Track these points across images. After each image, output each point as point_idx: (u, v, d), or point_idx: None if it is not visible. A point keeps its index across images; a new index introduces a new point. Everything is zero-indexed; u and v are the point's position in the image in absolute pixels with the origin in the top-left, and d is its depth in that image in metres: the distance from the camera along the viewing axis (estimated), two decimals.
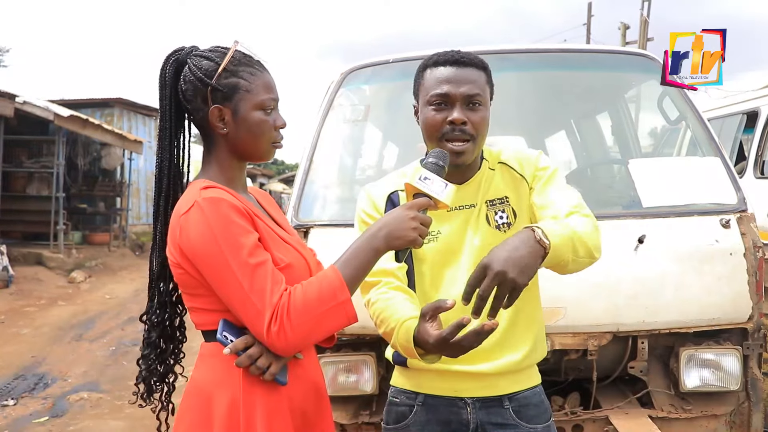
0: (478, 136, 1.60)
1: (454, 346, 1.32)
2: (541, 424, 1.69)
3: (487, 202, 1.67)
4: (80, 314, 8.60)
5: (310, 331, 1.32)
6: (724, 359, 2.43)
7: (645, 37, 18.90)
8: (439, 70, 1.62)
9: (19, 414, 4.78)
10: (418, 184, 1.41)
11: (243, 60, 1.46)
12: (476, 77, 1.61)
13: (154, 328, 1.54)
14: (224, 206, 1.34)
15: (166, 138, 1.49)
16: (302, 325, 1.30)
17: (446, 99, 1.59)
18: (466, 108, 1.58)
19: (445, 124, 1.58)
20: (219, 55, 1.45)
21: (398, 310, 1.51)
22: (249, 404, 1.36)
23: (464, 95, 1.58)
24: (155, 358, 1.55)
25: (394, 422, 1.73)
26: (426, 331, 1.36)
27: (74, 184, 14.25)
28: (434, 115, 1.60)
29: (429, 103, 1.61)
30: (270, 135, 1.48)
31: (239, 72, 1.44)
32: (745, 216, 2.47)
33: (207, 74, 1.42)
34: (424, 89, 1.64)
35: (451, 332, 1.30)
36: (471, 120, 1.58)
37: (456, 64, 1.61)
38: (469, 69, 1.61)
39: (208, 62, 1.43)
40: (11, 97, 10.90)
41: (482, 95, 1.60)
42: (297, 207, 2.63)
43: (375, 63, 3.07)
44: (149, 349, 1.55)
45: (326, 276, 1.35)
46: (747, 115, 6.25)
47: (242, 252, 1.31)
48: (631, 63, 3.26)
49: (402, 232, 1.37)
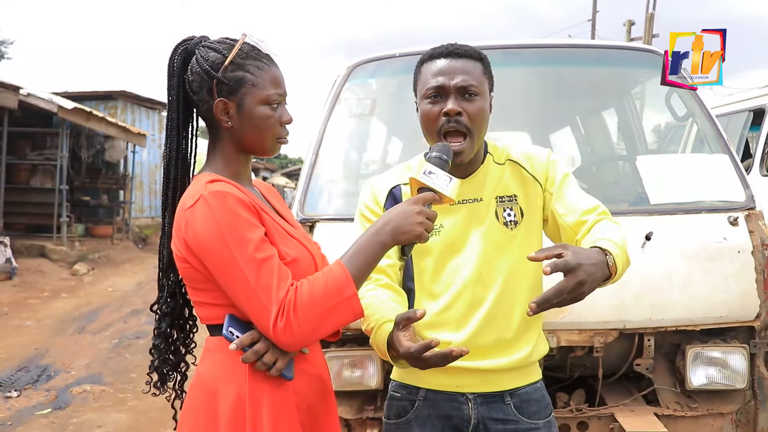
0: (475, 129, 1.59)
1: (421, 361, 1.37)
2: (542, 419, 1.69)
3: (497, 198, 1.66)
4: (83, 307, 8.62)
5: (317, 327, 1.31)
6: (730, 357, 2.41)
7: (650, 34, 18.81)
8: (435, 63, 1.62)
9: (22, 406, 4.79)
10: (423, 179, 1.41)
11: (251, 53, 1.44)
12: (471, 68, 1.60)
13: (164, 318, 1.54)
14: (231, 200, 1.33)
15: (174, 129, 1.48)
16: (309, 320, 1.29)
17: (441, 91, 1.59)
18: (462, 99, 1.58)
19: (440, 116, 1.58)
20: (227, 47, 1.43)
21: (379, 309, 1.52)
22: (255, 399, 1.36)
23: (458, 86, 1.58)
24: (166, 348, 1.55)
25: (395, 417, 1.73)
26: (398, 340, 1.40)
27: (77, 176, 14.27)
28: (430, 108, 1.60)
29: (425, 97, 1.62)
30: (275, 130, 1.46)
31: (246, 65, 1.42)
32: (753, 213, 2.45)
33: (213, 66, 1.41)
34: (421, 83, 1.65)
35: (417, 350, 1.35)
36: (467, 111, 1.57)
37: (450, 56, 1.62)
38: (463, 60, 1.61)
39: (216, 54, 1.42)
40: (15, 89, 10.92)
41: (477, 86, 1.59)
42: (303, 201, 2.62)
43: (381, 57, 3.06)
44: (160, 339, 1.54)
45: (332, 271, 1.34)
46: (753, 112, 6.22)
47: (249, 247, 1.30)
48: (638, 59, 3.24)
49: (408, 227, 1.36)
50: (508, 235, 1.64)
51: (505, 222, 1.64)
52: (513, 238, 1.64)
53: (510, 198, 1.66)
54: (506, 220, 1.65)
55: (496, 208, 1.65)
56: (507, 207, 1.65)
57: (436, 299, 1.65)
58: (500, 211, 1.65)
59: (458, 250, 1.64)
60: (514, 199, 1.66)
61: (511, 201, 1.66)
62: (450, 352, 1.33)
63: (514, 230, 1.64)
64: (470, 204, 1.66)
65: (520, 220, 1.65)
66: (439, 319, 1.64)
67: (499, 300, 1.62)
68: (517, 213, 1.66)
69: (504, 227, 1.64)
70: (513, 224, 1.65)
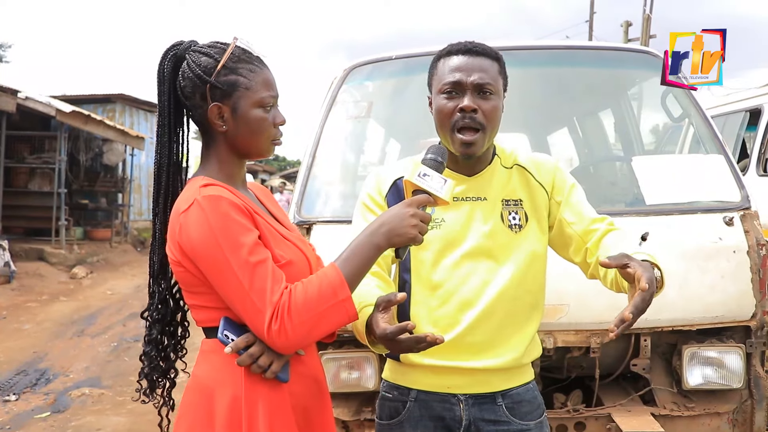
0: (489, 126, 1.60)
1: (395, 343, 1.36)
2: (533, 420, 1.69)
3: (503, 200, 1.68)
4: (82, 310, 8.62)
5: (311, 330, 1.32)
6: (727, 357, 2.42)
7: (647, 35, 18.85)
8: (452, 60, 1.64)
9: (20, 409, 4.79)
10: (417, 181, 1.42)
11: (242, 56, 1.44)
12: (488, 66, 1.62)
13: (155, 325, 1.53)
14: (224, 204, 1.33)
15: (165, 134, 1.47)
16: (303, 323, 1.30)
17: (457, 87, 1.60)
18: (477, 96, 1.60)
19: (456, 112, 1.59)
20: (218, 51, 1.43)
21: (362, 294, 1.51)
22: (251, 401, 1.36)
23: (475, 83, 1.59)
24: (156, 355, 1.54)
25: (387, 418, 1.74)
26: (376, 322, 1.40)
27: (76, 179, 14.28)
28: (446, 104, 1.61)
29: (441, 92, 1.63)
30: (269, 132, 1.46)
31: (238, 69, 1.42)
32: (748, 213, 2.46)
33: (206, 71, 1.40)
34: (437, 79, 1.66)
35: (392, 332, 1.35)
36: (482, 108, 1.59)
37: (468, 53, 1.63)
38: (481, 58, 1.63)
39: (207, 59, 1.41)
40: (13, 92, 10.91)
41: (493, 84, 1.61)
42: (300, 203, 2.62)
43: (378, 59, 3.06)
44: (150, 346, 1.54)
45: (326, 274, 1.35)
46: (750, 112, 6.23)
47: (242, 250, 1.30)
48: (635, 60, 3.25)
49: (403, 230, 1.37)
50: (511, 238, 1.66)
51: (509, 225, 1.66)
52: (515, 240, 1.66)
53: (516, 202, 1.69)
54: (511, 223, 1.67)
55: (502, 211, 1.67)
56: (512, 210, 1.68)
57: (432, 293, 1.66)
58: (506, 213, 1.67)
59: (457, 246, 1.65)
60: (520, 203, 1.69)
61: (516, 205, 1.68)
62: (424, 337, 1.33)
63: (518, 233, 1.66)
64: (473, 202, 1.67)
65: (524, 224, 1.68)
66: (434, 315, 1.64)
67: (495, 300, 1.62)
68: (522, 217, 1.68)
69: (508, 230, 1.66)
70: (517, 227, 1.67)
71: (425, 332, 1.35)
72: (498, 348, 1.64)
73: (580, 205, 1.69)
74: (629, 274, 1.37)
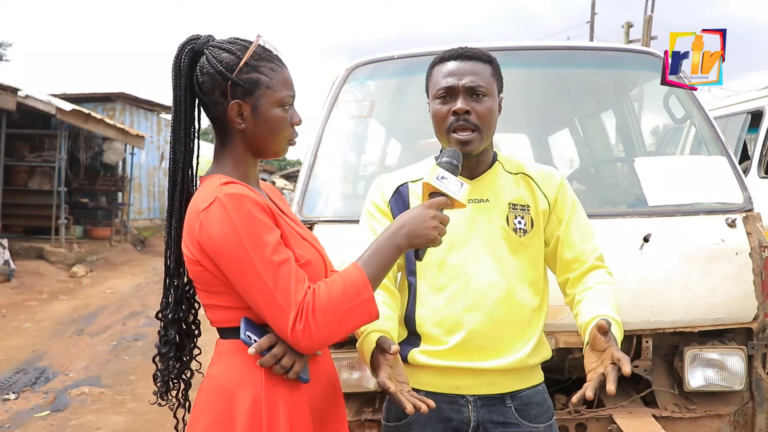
0: (484, 127, 1.64)
1: (392, 397, 1.39)
2: (543, 423, 1.69)
3: (510, 204, 1.71)
4: (81, 309, 8.60)
5: (335, 330, 1.31)
6: (728, 359, 2.42)
7: (648, 36, 18.85)
8: (445, 66, 1.69)
9: (20, 408, 4.78)
10: (436, 183, 1.45)
11: (264, 55, 1.42)
12: (480, 70, 1.66)
13: (171, 326, 1.51)
14: (247, 202, 1.32)
15: (181, 130, 1.44)
16: (327, 323, 1.29)
17: (450, 92, 1.65)
18: (470, 99, 1.64)
19: (449, 115, 1.64)
20: (240, 48, 1.41)
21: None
22: (271, 403, 1.35)
23: (466, 87, 1.63)
24: (175, 356, 1.52)
25: (394, 420, 1.73)
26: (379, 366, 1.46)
27: (76, 178, 14.26)
28: (440, 108, 1.66)
29: (435, 97, 1.68)
30: (287, 132, 1.46)
31: (260, 67, 1.40)
32: (751, 215, 2.46)
33: (228, 68, 1.38)
34: (432, 85, 1.71)
35: (392, 395, 1.38)
36: (475, 110, 1.63)
37: (459, 58, 1.68)
38: (473, 62, 1.67)
39: (229, 55, 1.39)
40: (13, 90, 10.90)
41: (486, 87, 1.65)
42: (301, 203, 2.62)
43: (380, 59, 3.06)
44: (168, 347, 1.51)
45: (349, 274, 1.34)
46: (751, 114, 6.23)
47: (266, 249, 1.29)
48: (636, 61, 3.24)
49: (423, 231, 1.39)
50: (516, 240, 1.69)
51: (514, 228, 1.69)
52: (520, 243, 1.69)
53: (523, 207, 1.72)
54: (516, 226, 1.70)
55: (508, 214, 1.70)
56: (519, 215, 1.70)
57: (437, 294, 1.67)
58: (512, 217, 1.70)
59: (461, 247, 1.67)
60: (527, 209, 1.72)
61: (523, 210, 1.71)
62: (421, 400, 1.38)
63: (522, 237, 1.69)
64: (476, 204, 1.69)
65: (529, 229, 1.70)
66: (439, 316, 1.65)
67: (501, 301, 1.64)
68: (527, 222, 1.71)
69: (513, 233, 1.69)
70: (522, 232, 1.70)
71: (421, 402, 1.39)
72: (503, 349, 1.65)
73: (577, 231, 1.73)
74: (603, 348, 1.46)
